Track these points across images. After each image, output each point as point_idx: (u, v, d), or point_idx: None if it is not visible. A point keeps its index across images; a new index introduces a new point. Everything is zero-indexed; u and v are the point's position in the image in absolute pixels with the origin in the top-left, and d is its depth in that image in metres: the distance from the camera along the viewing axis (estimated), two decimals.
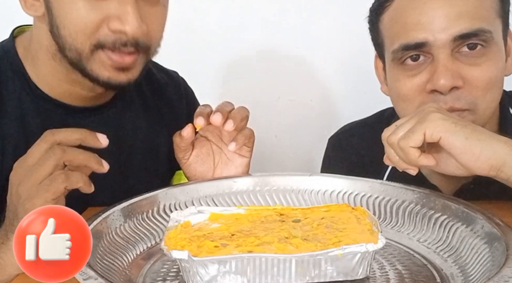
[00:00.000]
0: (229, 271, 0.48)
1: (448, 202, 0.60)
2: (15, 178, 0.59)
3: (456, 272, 0.53)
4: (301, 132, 0.93)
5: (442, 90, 0.69)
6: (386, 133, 0.62)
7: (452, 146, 0.57)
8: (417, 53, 0.71)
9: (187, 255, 0.48)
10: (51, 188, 0.56)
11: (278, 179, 0.70)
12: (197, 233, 0.54)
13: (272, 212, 0.60)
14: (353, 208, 0.59)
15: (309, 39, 1.25)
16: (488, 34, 0.69)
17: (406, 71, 0.73)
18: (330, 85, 1.27)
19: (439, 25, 0.69)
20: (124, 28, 0.67)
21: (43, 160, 0.57)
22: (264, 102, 1.24)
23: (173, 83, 0.93)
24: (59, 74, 0.74)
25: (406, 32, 0.71)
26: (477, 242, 0.54)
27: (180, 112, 0.92)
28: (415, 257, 0.57)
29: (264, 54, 1.28)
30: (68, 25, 0.68)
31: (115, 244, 0.56)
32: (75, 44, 0.69)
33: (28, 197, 0.56)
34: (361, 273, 0.50)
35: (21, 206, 0.56)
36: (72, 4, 0.67)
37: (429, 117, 0.58)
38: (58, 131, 0.60)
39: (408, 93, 0.73)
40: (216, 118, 0.68)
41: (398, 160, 0.61)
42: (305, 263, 0.48)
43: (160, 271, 0.55)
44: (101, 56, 0.69)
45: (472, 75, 0.69)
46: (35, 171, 0.57)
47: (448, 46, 0.69)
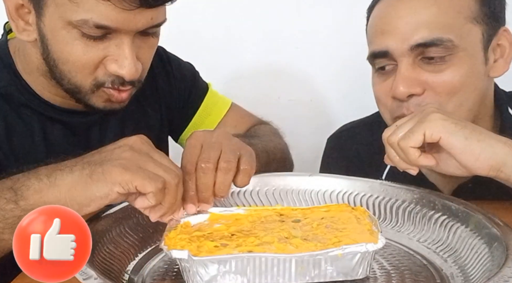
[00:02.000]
0: (229, 271, 0.48)
1: (448, 202, 0.60)
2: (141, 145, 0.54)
3: (456, 272, 0.53)
4: (301, 132, 0.92)
5: (399, 97, 0.71)
6: (386, 133, 0.62)
7: (451, 146, 0.57)
8: (384, 60, 0.74)
9: (187, 255, 0.48)
10: (142, 177, 0.51)
11: (278, 179, 0.70)
12: (197, 233, 0.54)
13: (272, 212, 0.60)
14: (353, 208, 0.59)
15: (309, 39, 1.25)
16: (448, 42, 0.69)
17: (379, 76, 0.77)
18: (330, 85, 1.27)
19: (399, 35, 0.71)
20: (122, 73, 0.67)
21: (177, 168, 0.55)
22: (264, 102, 1.23)
23: (160, 67, 0.91)
24: (50, 88, 0.74)
25: (373, 40, 0.76)
26: (477, 242, 0.54)
27: (169, 93, 0.90)
28: (415, 257, 0.57)
29: (264, 54, 1.28)
30: (66, 63, 0.68)
31: (115, 244, 0.56)
32: (75, 81, 0.69)
33: (123, 163, 0.51)
34: (361, 273, 0.50)
35: (108, 161, 0.52)
36: (69, 45, 0.66)
37: (429, 117, 0.58)
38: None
39: (380, 97, 0.77)
40: (192, 210, 0.58)
41: (398, 160, 0.61)
42: (305, 263, 0.48)
43: (160, 271, 0.55)
44: (101, 93, 0.70)
45: (433, 82, 0.70)
46: (157, 166, 0.53)
47: (408, 55, 0.71)
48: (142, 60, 0.70)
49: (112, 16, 0.63)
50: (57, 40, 0.67)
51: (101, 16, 0.63)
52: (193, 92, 0.93)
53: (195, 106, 0.93)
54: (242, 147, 0.62)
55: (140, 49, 0.69)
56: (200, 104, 0.93)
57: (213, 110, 0.93)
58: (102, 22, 0.64)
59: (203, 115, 0.93)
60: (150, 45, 0.72)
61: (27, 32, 0.69)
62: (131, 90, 0.72)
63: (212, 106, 0.94)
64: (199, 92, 0.93)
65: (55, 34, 0.67)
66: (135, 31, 0.67)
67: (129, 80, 0.69)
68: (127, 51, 0.66)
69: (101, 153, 0.54)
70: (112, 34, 0.66)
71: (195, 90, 0.93)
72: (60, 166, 0.54)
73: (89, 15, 0.63)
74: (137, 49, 0.68)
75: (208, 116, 0.93)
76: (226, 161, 0.58)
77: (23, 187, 0.52)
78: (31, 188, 0.52)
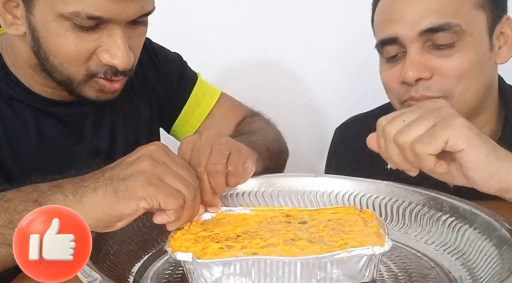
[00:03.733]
0: (233, 273, 0.48)
1: (456, 204, 0.59)
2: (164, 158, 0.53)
3: (464, 274, 0.52)
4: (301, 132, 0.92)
5: (408, 81, 0.73)
6: (388, 125, 0.55)
7: (470, 160, 0.51)
8: (394, 47, 0.76)
9: (191, 257, 0.47)
10: (165, 194, 0.50)
11: (283, 180, 0.69)
12: (203, 233, 0.53)
13: (279, 213, 0.59)
14: (361, 211, 0.58)
15: (309, 39, 1.24)
16: (457, 27, 0.72)
17: (387, 63, 0.79)
18: (330, 85, 1.27)
19: (407, 21, 0.73)
20: (115, 62, 0.68)
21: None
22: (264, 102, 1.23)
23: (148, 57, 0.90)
24: (39, 80, 0.74)
25: (381, 28, 0.77)
26: (486, 244, 0.53)
27: (157, 83, 0.90)
28: (422, 259, 0.56)
29: (264, 54, 1.27)
30: (58, 55, 0.68)
31: (120, 246, 0.56)
32: (67, 72, 0.70)
33: (145, 177, 0.50)
34: (367, 276, 0.49)
35: (130, 175, 0.51)
36: (61, 37, 0.66)
37: (453, 123, 0.51)
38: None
39: (389, 83, 0.79)
40: (201, 212, 0.59)
41: (401, 161, 0.55)
42: (310, 265, 0.48)
43: (165, 273, 0.55)
44: (93, 83, 0.71)
45: (441, 66, 0.73)
46: (177, 179, 0.52)
47: (416, 40, 0.73)
48: (133, 49, 0.71)
49: (104, 6, 0.64)
50: (48, 33, 0.67)
51: (93, 7, 0.64)
52: (182, 82, 0.93)
53: (184, 96, 0.92)
54: (232, 146, 0.62)
55: (131, 39, 0.70)
56: (189, 95, 0.92)
57: (202, 100, 0.93)
58: (94, 13, 0.64)
59: (193, 106, 0.93)
60: (140, 33, 0.73)
61: (15, 26, 0.69)
62: (123, 79, 0.72)
63: (202, 96, 0.93)
64: (187, 83, 0.93)
65: (47, 27, 0.67)
66: (126, 21, 0.67)
67: (122, 69, 0.69)
68: (120, 41, 0.67)
69: (121, 166, 0.53)
70: (103, 25, 0.66)
71: (183, 80, 0.93)
72: (84, 181, 0.52)
73: (81, 6, 0.64)
74: (128, 38, 0.69)
75: (198, 107, 0.93)
76: (213, 164, 0.59)
77: (49, 202, 0.51)
78: (57, 204, 0.51)
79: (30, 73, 0.74)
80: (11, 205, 0.51)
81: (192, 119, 0.93)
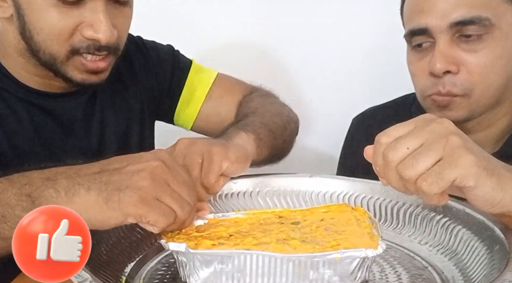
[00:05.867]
0: (225, 269, 0.48)
1: (449, 204, 0.59)
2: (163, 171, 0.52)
3: (457, 275, 0.53)
4: (301, 132, 0.92)
5: (436, 73, 0.75)
6: (392, 155, 0.49)
7: (475, 194, 0.50)
8: (422, 37, 0.77)
9: (184, 248, 0.47)
10: (157, 214, 0.50)
11: (279, 180, 0.69)
12: (195, 234, 0.53)
13: (271, 214, 0.59)
14: (353, 208, 0.58)
15: (309, 39, 1.24)
16: (486, 21, 0.72)
17: (415, 54, 0.80)
18: (330, 85, 1.27)
19: (438, 12, 0.74)
20: (98, 36, 0.70)
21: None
22: None
23: (138, 51, 0.91)
24: (29, 68, 0.75)
25: (412, 18, 0.79)
26: (478, 244, 0.53)
27: (149, 78, 0.90)
28: (415, 259, 0.56)
29: (264, 54, 1.27)
30: (41, 32, 0.70)
31: (113, 246, 0.56)
32: (50, 50, 0.71)
33: (140, 195, 0.49)
34: (359, 277, 0.49)
35: (126, 188, 0.50)
36: (44, 12, 0.68)
37: (462, 162, 0.48)
38: None
39: (416, 73, 0.80)
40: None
41: (400, 186, 0.51)
42: (303, 264, 0.48)
43: (157, 273, 0.55)
44: (76, 61, 0.72)
45: (468, 61, 0.74)
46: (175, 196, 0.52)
47: (446, 32, 0.74)
48: (118, 28, 0.73)
49: None
50: (32, 8, 0.69)
51: None
52: (176, 71, 0.93)
53: (180, 84, 0.93)
54: (203, 153, 0.62)
55: (115, 18, 0.72)
56: (185, 82, 0.93)
57: (198, 85, 0.93)
58: None
59: (189, 92, 0.93)
60: (124, 14, 0.75)
61: (2, 8, 0.72)
62: (108, 58, 0.73)
63: (198, 81, 0.94)
64: (182, 70, 0.93)
65: (30, 3, 0.69)
66: None
67: (105, 44, 0.71)
68: (101, 15, 0.69)
69: (120, 173, 0.51)
70: (86, 0, 0.69)
71: (177, 69, 0.93)
72: (80, 177, 0.51)
73: None
74: (112, 17, 0.71)
75: (195, 91, 0.93)
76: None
77: (42, 198, 0.51)
78: (50, 200, 0.51)
79: (19, 61, 0.75)
80: (3, 198, 0.51)
81: (191, 105, 0.93)
